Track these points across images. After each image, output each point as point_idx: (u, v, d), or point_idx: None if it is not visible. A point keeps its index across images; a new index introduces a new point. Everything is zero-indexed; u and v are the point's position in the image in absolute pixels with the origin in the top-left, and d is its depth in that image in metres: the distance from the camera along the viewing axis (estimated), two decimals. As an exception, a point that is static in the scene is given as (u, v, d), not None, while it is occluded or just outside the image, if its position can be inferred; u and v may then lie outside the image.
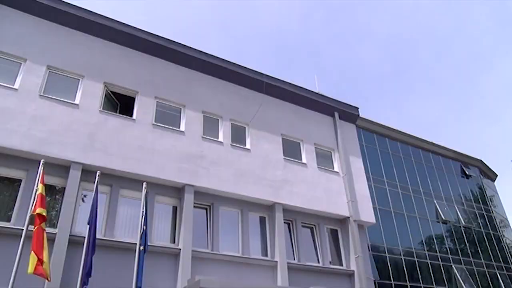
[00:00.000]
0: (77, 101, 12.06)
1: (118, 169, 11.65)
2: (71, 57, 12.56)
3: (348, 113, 18.41)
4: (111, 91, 13.08)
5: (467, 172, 26.96)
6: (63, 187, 11.01)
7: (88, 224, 9.55)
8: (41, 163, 9.24)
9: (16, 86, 11.30)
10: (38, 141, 10.79)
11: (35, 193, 8.72)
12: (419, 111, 77.61)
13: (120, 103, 13.43)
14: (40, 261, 8.03)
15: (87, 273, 8.90)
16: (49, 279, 8.42)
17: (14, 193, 10.46)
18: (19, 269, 8.09)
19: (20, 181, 10.62)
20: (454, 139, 77.73)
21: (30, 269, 7.90)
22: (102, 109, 12.39)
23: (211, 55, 15.31)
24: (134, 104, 13.12)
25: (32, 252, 8.05)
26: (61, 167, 11.09)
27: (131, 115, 12.85)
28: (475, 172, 28.16)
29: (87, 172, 11.19)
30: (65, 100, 11.85)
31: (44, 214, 8.46)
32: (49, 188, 10.49)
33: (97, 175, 10.23)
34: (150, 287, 10.52)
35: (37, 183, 8.84)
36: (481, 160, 28.78)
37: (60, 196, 11.02)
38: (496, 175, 31.22)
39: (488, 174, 30.20)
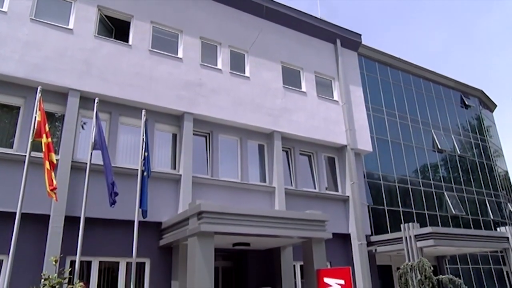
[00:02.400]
0: (70, 26, 11.65)
1: (116, 96, 11.58)
2: (61, -22, 11.91)
3: (350, 40, 17.93)
4: (105, 15, 12.59)
5: (466, 102, 26.91)
6: (62, 114, 11.02)
7: (97, 149, 9.63)
8: (38, 90, 9.14)
9: (5, 8, 10.83)
10: (33, 68, 10.59)
11: (35, 120, 8.73)
12: (422, 41, 75.54)
13: (115, 28, 12.99)
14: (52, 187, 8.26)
15: (112, 193, 9.18)
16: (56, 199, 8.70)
17: (13, 121, 10.49)
18: (25, 194, 8.35)
19: (18, 108, 10.60)
20: (456, 70, 76.62)
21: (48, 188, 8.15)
22: (97, 34, 12.01)
23: (208, -24, 14.53)
24: (130, 29, 12.70)
25: (47, 175, 8.20)
26: (59, 94, 11.01)
27: (127, 41, 12.50)
28: (475, 102, 28.11)
29: (85, 99, 11.13)
30: (58, 24, 11.44)
31: (50, 141, 8.53)
32: (48, 116, 10.49)
33: (96, 102, 10.18)
34: (152, 211, 10.97)
35: (36, 110, 8.81)
36: (481, 91, 28.60)
37: (60, 123, 11.06)
38: (495, 106, 31.23)
39: (487, 104, 30.18)
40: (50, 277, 6.04)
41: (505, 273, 22.65)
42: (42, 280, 6.03)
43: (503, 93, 69.12)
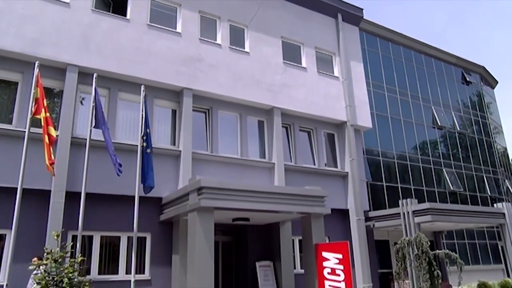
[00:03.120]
0: (67, 0, 11.43)
1: (114, 71, 11.48)
2: (56, -51, 11.61)
3: (352, 15, 17.65)
4: (102, -12, 12.34)
5: (467, 79, 26.72)
6: (61, 90, 10.95)
7: (96, 127, 9.61)
8: (36, 65, 9.05)
9: (0, -19, 10.60)
10: (30, 42, 10.46)
11: (33, 96, 8.68)
12: (424, 17, 74.37)
13: (113, 2, 12.75)
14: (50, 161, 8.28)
15: (116, 163, 9.25)
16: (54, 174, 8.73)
17: (12, 96, 10.43)
18: (26, 169, 8.38)
19: (16, 83, 10.52)
20: (458, 46, 75.72)
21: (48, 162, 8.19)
22: (94, 8, 11.80)
23: None
24: (127, 3, 12.47)
25: (46, 149, 8.22)
26: (57, 70, 10.92)
27: (125, 15, 12.29)
28: (476, 79, 27.91)
29: (84, 75, 11.04)
30: (54, -3, 11.22)
31: (48, 116, 8.50)
32: (47, 91, 10.42)
33: (94, 77, 10.10)
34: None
35: (34, 86, 8.74)
36: (483, 67, 28.36)
37: (58, 99, 11.00)
38: (497, 82, 31.03)
39: (488, 81, 29.98)
40: (53, 251, 6.14)
41: (500, 248, 23.03)
42: (45, 254, 6.14)
43: (505, 70, 68.59)
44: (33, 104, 8.58)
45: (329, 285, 10.31)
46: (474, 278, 19.25)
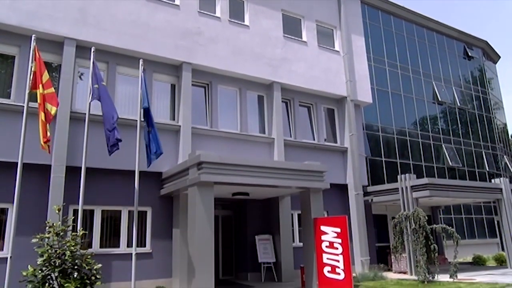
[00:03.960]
0: (62, -30, 11.15)
1: (112, 45, 11.34)
2: None
3: (353, -12, 17.30)
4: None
5: (469, 54, 26.43)
6: (59, 64, 10.84)
7: (95, 99, 9.45)
8: (32, 39, 8.90)
9: (-6, -49, 10.32)
10: (26, 15, 10.27)
11: (31, 70, 8.57)
12: (428, -13, 72.74)
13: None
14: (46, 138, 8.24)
15: (112, 145, 9.15)
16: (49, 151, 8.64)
17: (9, 70, 10.33)
18: (25, 144, 8.37)
19: (13, 57, 10.40)
20: (461, 21, 74.47)
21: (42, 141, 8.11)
22: (91, -21, 11.53)
23: None
24: (125, -26, 12.17)
25: (41, 127, 8.14)
26: (55, 43, 10.77)
27: (122, -13, 12.02)
28: (478, 53, 27.61)
29: (82, 49, 10.90)
30: (50, -32, 10.94)
31: (46, 92, 8.40)
32: (45, 65, 10.30)
33: (92, 51, 9.96)
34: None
35: (32, 60, 8.63)
36: (486, 41, 28.01)
37: (57, 74, 10.90)
38: (499, 57, 30.72)
39: (491, 56, 29.67)
40: (54, 224, 6.21)
41: (496, 222, 23.34)
42: (47, 228, 6.21)
43: (508, 44, 67.77)
44: (31, 78, 8.48)
45: (327, 258, 10.49)
46: (469, 252, 19.61)
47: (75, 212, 9.75)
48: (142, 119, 10.01)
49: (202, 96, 13.19)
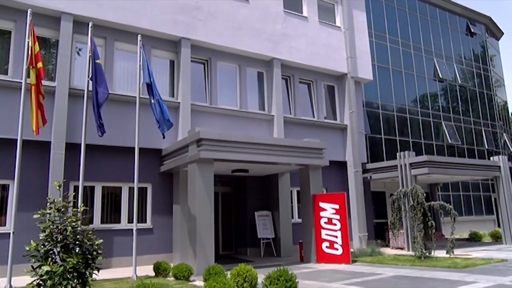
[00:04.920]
0: None
1: (110, 20, 11.17)
2: None
3: (356, -39, 16.91)
4: None
5: (472, 30, 26.09)
6: (56, 40, 10.69)
7: (90, 79, 9.39)
8: (28, 13, 8.75)
9: None
10: (22, -12, 10.06)
11: (28, 46, 8.46)
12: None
13: None
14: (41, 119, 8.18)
15: (100, 125, 9.16)
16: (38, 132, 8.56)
17: (6, 46, 10.19)
18: (24, 121, 8.35)
19: (9, 33, 10.25)
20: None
21: (35, 127, 8.05)
22: (87, -49, 11.25)
23: None
24: None
25: (34, 111, 8.06)
26: (51, 18, 10.60)
27: (119, -40, 11.74)
28: (481, 30, 27.25)
29: (79, 24, 10.73)
30: None
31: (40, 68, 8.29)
32: (42, 41, 10.20)
33: (90, 26, 9.81)
34: (152, 138, 11.08)
35: (28, 35, 8.50)
36: (489, 17, 27.59)
37: (54, 49, 10.76)
38: (502, 34, 30.32)
39: (494, 32, 29.29)
40: (55, 200, 6.24)
41: (493, 200, 23.55)
42: (48, 204, 6.25)
43: None
44: (29, 54, 8.37)
45: (326, 234, 10.64)
46: (466, 228, 19.84)
47: (76, 188, 9.80)
48: (143, 95, 9.95)
49: (201, 72, 13.07)
